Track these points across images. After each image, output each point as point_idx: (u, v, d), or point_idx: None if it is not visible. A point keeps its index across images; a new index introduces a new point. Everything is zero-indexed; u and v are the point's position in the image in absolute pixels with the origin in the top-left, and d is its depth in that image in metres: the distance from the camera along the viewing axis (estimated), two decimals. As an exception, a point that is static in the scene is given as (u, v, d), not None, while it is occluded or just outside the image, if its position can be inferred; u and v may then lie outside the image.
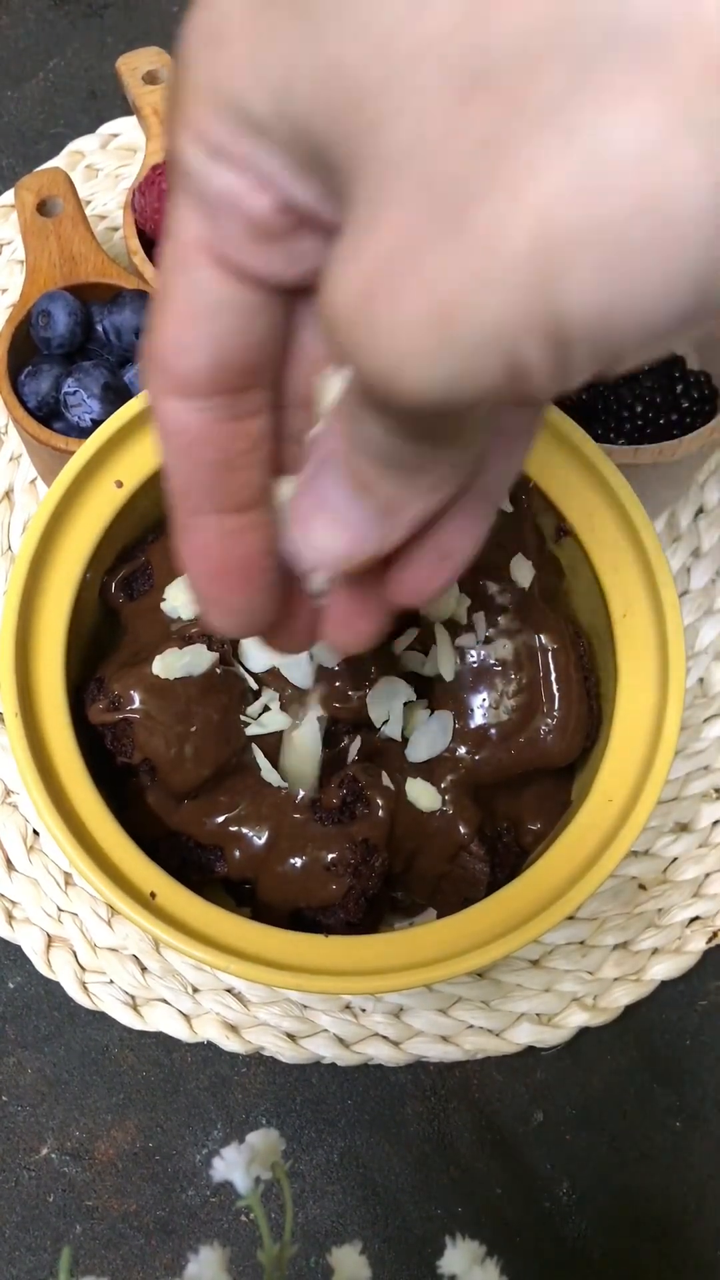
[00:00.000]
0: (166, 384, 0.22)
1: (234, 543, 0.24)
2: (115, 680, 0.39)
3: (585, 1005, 0.48)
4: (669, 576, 0.40)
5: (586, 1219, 0.46)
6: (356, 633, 0.28)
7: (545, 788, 0.43)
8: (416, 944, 0.36)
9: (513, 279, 0.15)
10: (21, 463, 0.57)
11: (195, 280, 0.20)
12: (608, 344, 0.16)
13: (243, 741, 0.41)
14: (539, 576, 0.42)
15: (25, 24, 0.71)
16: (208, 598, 0.25)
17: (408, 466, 0.21)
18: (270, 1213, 0.43)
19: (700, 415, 0.50)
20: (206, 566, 0.25)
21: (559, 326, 0.16)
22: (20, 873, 0.50)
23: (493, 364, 0.16)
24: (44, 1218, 0.46)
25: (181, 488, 0.24)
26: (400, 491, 0.22)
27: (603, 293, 0.15)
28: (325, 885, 0.38)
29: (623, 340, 0.16)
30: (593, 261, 0.15)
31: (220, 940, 0.36)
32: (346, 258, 0.17)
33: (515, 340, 0.16)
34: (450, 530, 0.25)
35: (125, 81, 0.56)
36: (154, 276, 0.52)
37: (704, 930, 0.50)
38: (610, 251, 0.15)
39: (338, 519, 0.23)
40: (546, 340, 0.16)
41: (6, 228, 0.63)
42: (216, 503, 0.24)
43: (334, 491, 0.22)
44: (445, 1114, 0.48)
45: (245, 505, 0.24)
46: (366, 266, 0.16)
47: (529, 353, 0.16)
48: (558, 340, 0.16)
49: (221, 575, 0.25)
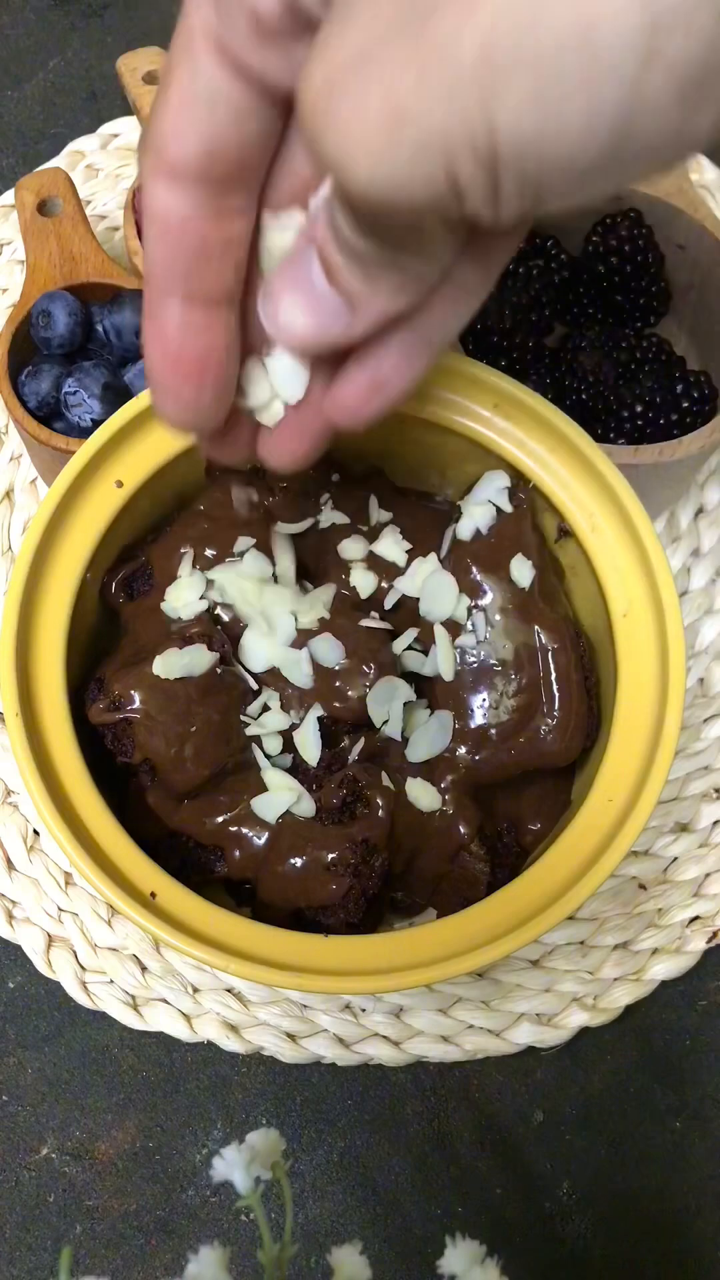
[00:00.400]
0: (158, 167, 0.23)
1: (195, 334, 0.26)
2: (115, 680, 0.39)
3: (585, 1005, 0.48)
4: (669, 576, 0.40)
5: (586, 1219, 0.46)
6: (290, 452, 0.30)
7: (545, 788, 0.43)
8: (416, 944, 0.36)
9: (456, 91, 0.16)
10: (21, 463, 0.57)
11: (197, 69, 0.21)
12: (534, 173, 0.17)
13: (243, 741, 0.41)
14: (539, 576, 0.42)
15: (25, 24, 0.71)
16: (161, 384, 0.27)
17: (373, 264, 0.22)
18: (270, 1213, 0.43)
19: (700, 415, 0.50)
20: (164, 350, 0.26)
21: (490, 147, 0.17)
22: (20, 873, 0.50)
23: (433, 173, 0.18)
24: (44, 1218, 0.46)
25: (157, 270, 0.25)
26: (365, 286, 0.23)
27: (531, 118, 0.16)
28: (325, 885, 0.38)
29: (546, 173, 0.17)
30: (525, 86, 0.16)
31: (220, 940, 0.36)
32: (319, 52, 0.18)
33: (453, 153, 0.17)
34: (387, 361, 0.26)
35: (125, 81, 0.56)
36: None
37: (704, 930, 0.50)
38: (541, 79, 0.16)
39: (308, 301, 0.24)
40: (479, 159, 0.17)
41: (6, 228, 0.63)
42: (186, 288, 0.25)
43: (308, 275, 0.24)
44: (445, 1114, 0.48)
45: (212, 300, 0.25)
46: (334, 60, 0.18)
47: (464, 168, 0.17)
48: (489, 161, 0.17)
49: (177, 363, 0.26)
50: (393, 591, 0.43)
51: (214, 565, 0.42)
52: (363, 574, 0.43)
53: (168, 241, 0.24)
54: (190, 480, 0.44)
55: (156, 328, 0.26)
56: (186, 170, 0.23)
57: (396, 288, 0.23)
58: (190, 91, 0.22)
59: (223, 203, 0.24)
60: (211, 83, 0.22)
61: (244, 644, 0.41)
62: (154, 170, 0.23)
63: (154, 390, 0.27)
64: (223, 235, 0.24)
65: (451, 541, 0.43)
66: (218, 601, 0.41)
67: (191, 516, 0.43)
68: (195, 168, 0.23)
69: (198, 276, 0.25)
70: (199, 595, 0.41)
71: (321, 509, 0.45)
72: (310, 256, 0.24)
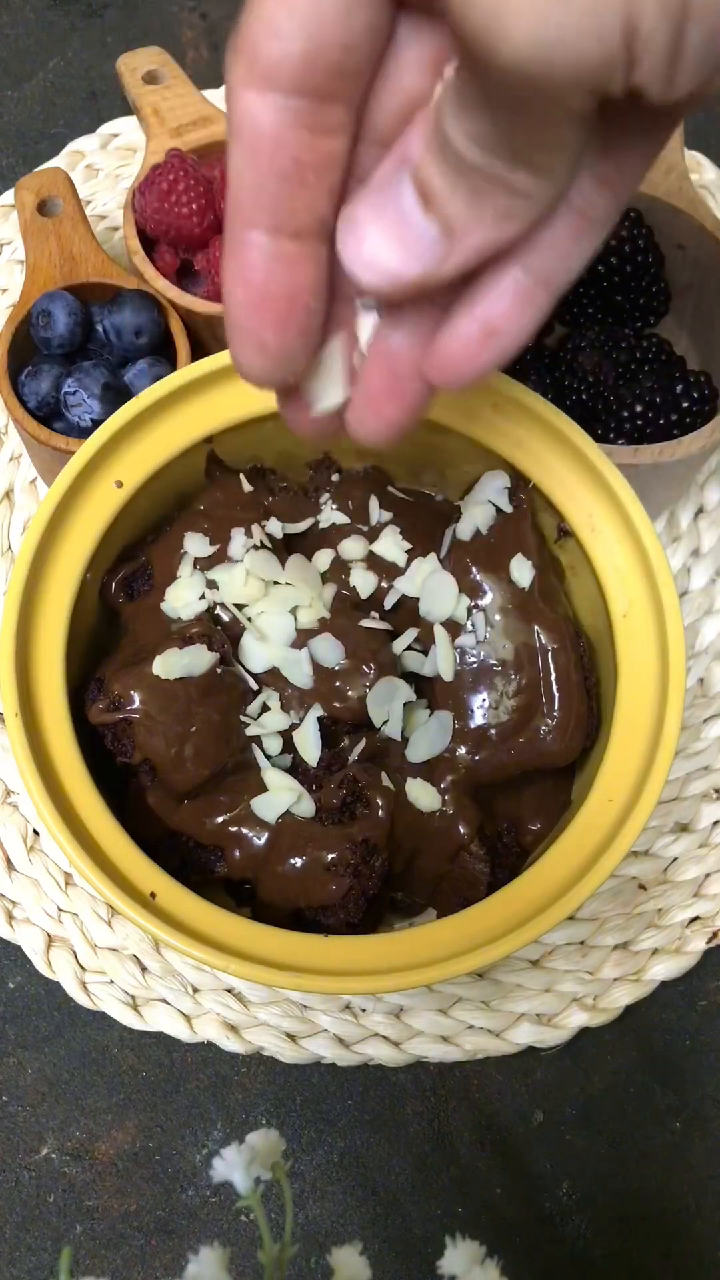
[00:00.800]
0: (251, 73, 0.20)
1: (283, 269, 0.23)
2: (115, 680, 0.39)
3: (585, 1005, 0.48)
4: (669, 576, 0.40)
5: (586, 1219, 0.46)
6: (384, 419, 0.26)
7: (545, 788, 0.43)
8: (416, 944, 0.36)
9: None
10: (21, 463, 0.57)
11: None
12: None
13: (243, 741, 0.41)
14: (539, 576, 0.42)
15: (25, 24, 0.71)
16: (244, 327, 0.24)
17: (482, 182, 0.20)
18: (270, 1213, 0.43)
19: (700, 415, 0.50)
20: (248, 292, 0.23)
21: None
22: (20, 873, 0.50)
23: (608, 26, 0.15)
24: (44, 1218, 0.46)
25: (242, 196, 0.22)
26: (467, 211, 0.20)
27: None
28: (325, 885, 0.38)
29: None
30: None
31: (220, 940, 0.36)
32: None
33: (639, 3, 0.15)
34: (500, 304, 0.23)
35: (125, 81, 0.56)
36: (154, 275, 0.52)
37: (704, 930, 0.50)
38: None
39: (396, 230, 0.21)
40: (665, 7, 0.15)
41: (6, 228, 0.63)
42: (275, 219, 0.22)
43: (399, 201, 0.21)
44: (445, 1114, 0.48)
45: (303, 232, 0.23)
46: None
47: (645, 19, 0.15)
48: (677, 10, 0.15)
49: (263, 304, 0.23)
50: (393, 591, 0.43)
51: (214, 565, 0.42)
52: (363, 574, 0.43)
53: (257, 162, 0.21)
54: (190, 480, 0.44)
55: (238, 262, 0.23)
56: (283, 76, 0.20)
57: (503, 213, 0.20)
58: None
59: (321, 117, 0.21)
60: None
61: (244, 644, 0.41)
62: (245, 79, 0.20)
63: (234, 336, 0.24)
64: (319, 155, 0.22)
65: (451, 541, 0.43)
66: (218, 601, 0.41)
67: (191, 516, 0.43)
68: (294, 72, 0.20)
69: (286, 204, 0.22)
70: (199, 595, 0.41)
71: (321, 509, 0.45)
72: (401, 180, 0.21)
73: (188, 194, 0.51)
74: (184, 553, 0.42)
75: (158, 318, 0.51)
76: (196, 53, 0.70)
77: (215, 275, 0.52)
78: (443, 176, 0.20)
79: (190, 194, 0.51)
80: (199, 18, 0.71)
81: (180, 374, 0.42)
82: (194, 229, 0.52)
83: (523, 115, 0.18)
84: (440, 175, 0.20)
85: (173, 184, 0.51)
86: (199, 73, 0.69)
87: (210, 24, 0.71)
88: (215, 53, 0.70)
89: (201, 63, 0.70)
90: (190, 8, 0.71)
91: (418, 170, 0.21)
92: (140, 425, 0.41)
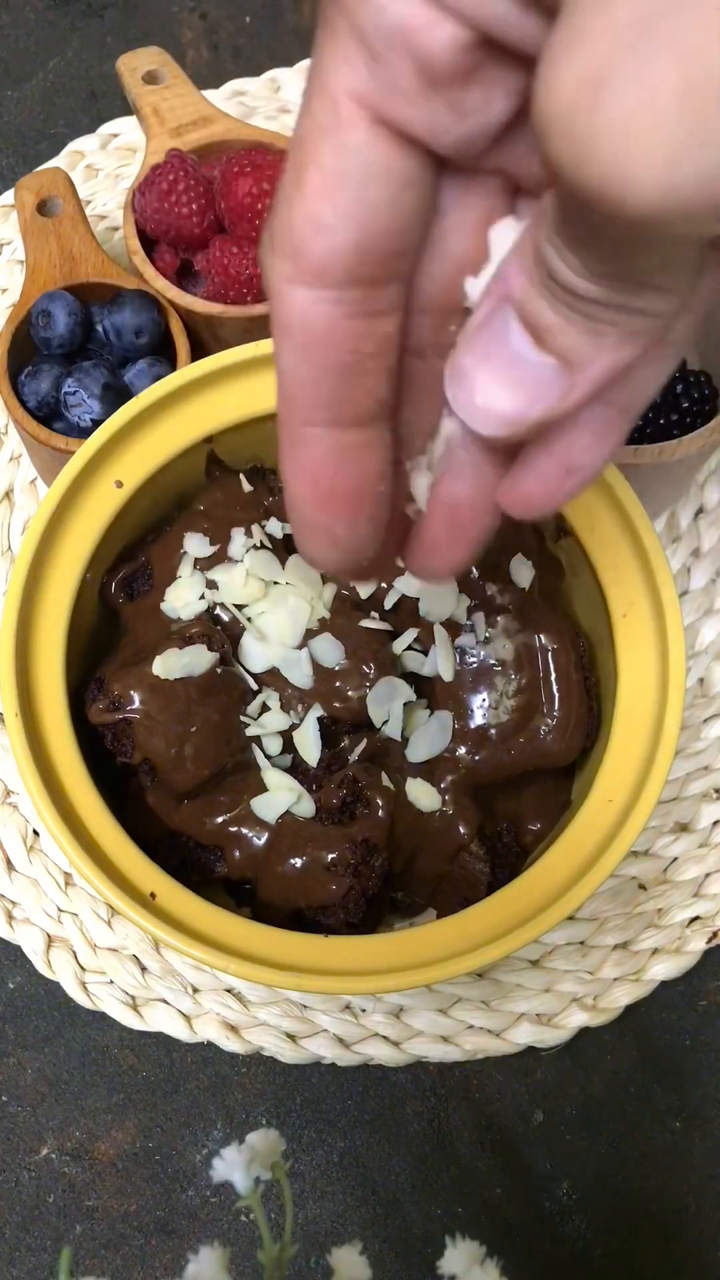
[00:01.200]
0: (297, 270, 0.19)
1: (349, 461, 0.22)
2: (115, 680, 0.39)
3: (585, 1005, 0.48)
4: (669, 576, 0.40)
5: (586, 1219, 0.46)
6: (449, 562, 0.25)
7: (545, 788, 0.43)
8: (416, 944, 0.36)
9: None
10: (21, 463, 0.57)
11: (345, 143, 0.18)
12: None
13: (243, 741, 0.41)
14: (539, 576, 0.42)
15: (25, 24, 0.71)
16: (312, 524, 0.23)
17: (599, 311, 0.18)
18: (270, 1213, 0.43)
19: (700, 415, 0.50)
20: (315, 490, 0.22)
21: None
22: (20, 873, 0.50)
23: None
24: (44, 1218, 0.46)
25: (297, 394, 0.21)
26: (585, 341, 0.19)
27: None
28: (325, 885, 0.38)
29: None
30: None
31: (220, 940, 0.36)
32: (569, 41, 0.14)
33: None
34: (580, 441, 0.22)
35: (125, 81, 0.56)
36: (154, 275, 0.52)
37: (704, 930, 0.50)
38: None
39: (510, 373, 0.20)
40: None
41: (6, 228, 0.63)
42: (334, 413, 0.21)
43: (506, 342, 0.20)
44: (445, 1114, 0.48)
45: (365, 419, 0.21)
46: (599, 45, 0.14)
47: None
48: None
49: (331, 500, 0.22)
50: (393, 591, 0.43)
51: (214, 565, 0.42)
52: (363, 574, 0.43)
53: (311, 357, 0.20)
54: (190, 480, 0.44)
55: (302, 463, 0.22)
56: (336, 271, 0.19)
57: (625, 336, 0.19)
58: (336, 170, 0.18)
59: (375, 303, 0.20)
60: (365, 154, 0.18)
61: (244, 644, 0.41)
62: (290, 277, 0.19)
63: (302, 531, 0.23)
64: (376, 341, 0.20)
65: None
66: (218, 601, 0.41)
67: (191, 516, 0.43)
68: (344, 267, 0.19)
69: (345, 398, 0.21)
70: (199, 595, 0.41)
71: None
72: (506, 320, 0.19)
73: (188, 194, 0.51)
74: (184, 553, 0.42)
75: (158, 318, 0.51)
76: (196, 53, 0.70)
77: (215, 275, 0.52)
78: (554, 310, 0.19)
79: (190, 194, 0.51)
80: (199, 18, 0.71)
81: (180, 374, 0.42)
82: (194, 229, 0.52)
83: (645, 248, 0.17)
84: (551, 309, 0.19)
85: (173, 184, 0.51)
86: (199, 73, 0.69)
87: (210, 24, 0.71)
88: (215, 53, 0.70)
89: (201, 63, 0.70)
90: (190, 8, 0.71)
91: (522, 306, 0.19)
92: (140, 425, 0.41)
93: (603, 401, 0.21)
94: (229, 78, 0.68)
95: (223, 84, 0.67)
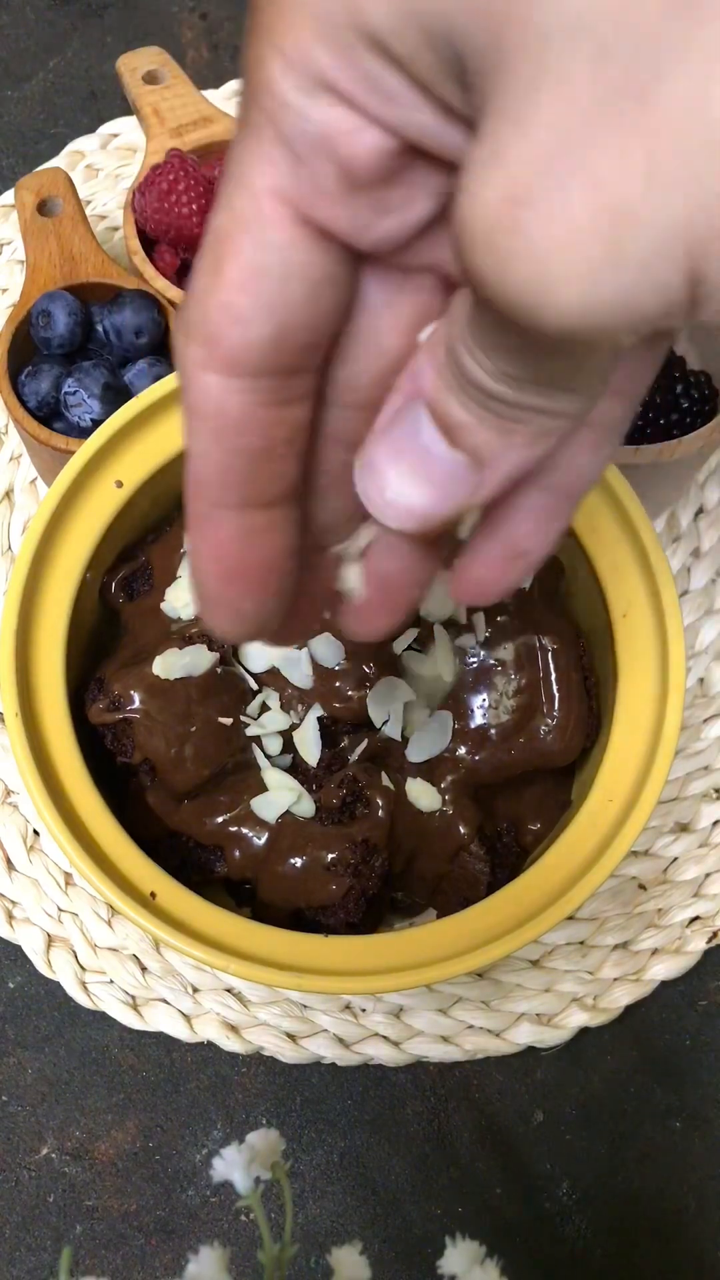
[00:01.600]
0: (211, 358, 0.19)
1: (256, 542, 0.22)
2: (115, 680, 0.39)
3: (585, 1005, 0.48)
4: (669, 576, 0.40)
5: (586, 1219, 0.46)
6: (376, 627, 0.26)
7: (545, 788, 0.43)
8: (416, 944, 0.36)
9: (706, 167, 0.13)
10: (21, 463, 0.57)
11: (266, 240, 0.18)
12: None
13: (243, 741, 0.41)
14: (539, 576, 0.42)
15: (25, 24, 0.71)
16: (216, 599, 0.23)
17: (510, 411, 0.18)
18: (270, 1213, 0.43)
19: (700, 415, 0.50)
20: (220, 567, 0.22)
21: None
22: (20, 873, 0.50)
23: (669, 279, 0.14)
24: (44, 1218, 0.46)
25: (206, 476, 0.21)
26: (495, 439, 0.19)
27: None
28: (325, 885, 0.38)
29: None
30: None
31: (220, 940, 0.36)
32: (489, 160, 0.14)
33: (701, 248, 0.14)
34: (524, 526, 0.22)
35: (125, 81, 0.56)
36: (154, 275, 0.52)
37: (704, 930, 0.50)
38: None
39: (420, 468, 0.20)
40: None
41: (6, 228, 0.63)
42: (243, 495, 0.21)
43: (417, 438, 0.20)
44: (445, 1114, 0.48)
45: (273, 500, 0.21)
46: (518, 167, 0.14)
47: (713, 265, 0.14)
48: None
49: (236, 577, 0.22)
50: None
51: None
52: (363, 574, 0.43)
53: (223, 442, 0.20)
54: (190, 480, 0.44)
55: (209, 542, 0.22)
56: (249, 362, 0.19)
57: (535, 434, 0.19)
58: (255, 265, 0.18)
59: (288, 391, 0.20)
60: (286, 252, 0.18)
61: (245, 645, 0.41)
62: (203, 364, 0.19)
63: (206, 605, 0.23)
64: (288, 427, 0.20)
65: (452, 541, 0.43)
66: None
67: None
68: (260, 358, 0.19)
69: (255, 481, 0.21)
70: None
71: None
72: (416, 415, 0.20)
73: (188, 194, 0.51)
74: (184, 553, 0.42)
75: (158, 318, 0.51)
76: (196, 53, 0.70)
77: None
78: (465, 409, 0.19)
79: (190, 194, 0.51)
80: (199, 18, 0.71)
81: (180, 374, 0.42)
82: (194, 229, 0.52)
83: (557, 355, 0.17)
84: (462, 408, 0.19)
85: (173, 184, 0.51)
86: (199, 73, 0.69)
87: (210, 24, 0.71)
88: (215, 53, 0.70)
89: (201, 63, 0.70)
90: (190, 8, 0.71)
91: (434, 403, 0.19)
92: (140, 425, 0.41)
93: (541, 488, 0.22)
94: (229, 78, 0.68)
95: (223, 84, 0.67)
